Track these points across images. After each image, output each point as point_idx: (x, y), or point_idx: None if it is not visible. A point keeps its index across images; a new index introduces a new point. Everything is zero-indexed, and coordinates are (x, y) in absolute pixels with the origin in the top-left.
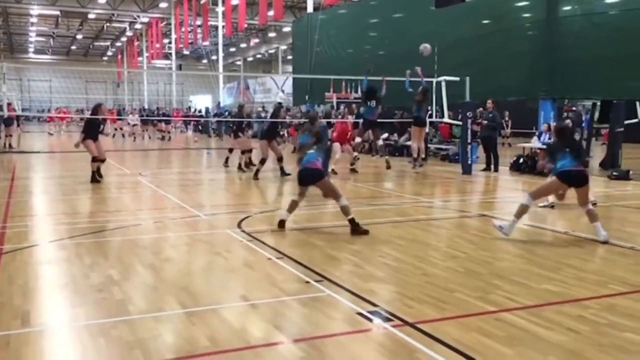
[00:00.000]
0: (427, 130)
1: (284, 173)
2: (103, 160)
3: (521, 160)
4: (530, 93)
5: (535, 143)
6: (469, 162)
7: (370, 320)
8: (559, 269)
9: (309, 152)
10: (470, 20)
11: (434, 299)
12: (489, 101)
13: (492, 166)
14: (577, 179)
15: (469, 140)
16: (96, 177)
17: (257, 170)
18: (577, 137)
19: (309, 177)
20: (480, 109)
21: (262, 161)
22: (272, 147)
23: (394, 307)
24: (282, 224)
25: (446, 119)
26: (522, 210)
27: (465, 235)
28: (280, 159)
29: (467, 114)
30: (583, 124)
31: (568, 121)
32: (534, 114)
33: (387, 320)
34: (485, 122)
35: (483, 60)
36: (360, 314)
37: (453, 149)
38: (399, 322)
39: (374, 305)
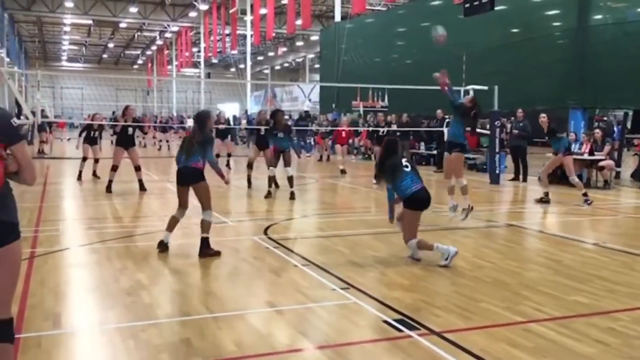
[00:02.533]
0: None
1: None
2: (115, 168)
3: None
4: (560, 102)
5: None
6: (497, 171)
7: (396, 328)
8: (588, 280)
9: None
10: (499, 29)
11: (461, 309)
12: (520, 110)
13: (521, 176)
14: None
15: (497, 150)
16: (110, 188)
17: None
18: (607, 147)
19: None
20: (512, 118)
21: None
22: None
23: (420, 316)
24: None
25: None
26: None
27: (493, 244)
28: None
29: (495, 123)
30: (614, 134)
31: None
32: (564, 123)
33: (413, 328)
34: (516, 131)
35: (512, 69)
36: (386, 322)
37: (481, 158)
38: (425, 331)
39: (400, 313)
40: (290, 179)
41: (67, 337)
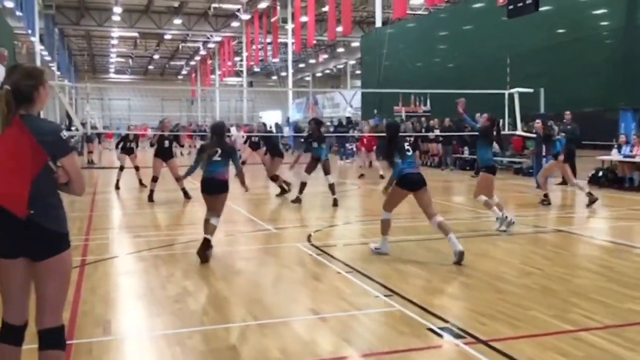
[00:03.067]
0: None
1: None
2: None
3: (600, 173)
4: (609, 104)
5: (615, 155)
6: None
7: (441, 336)
8: None
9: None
10: (544, 30)
11: (508, 317)
12: (567, 113)
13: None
14: (419, 183)
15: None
16: (152, 197)
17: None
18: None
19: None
20: (562, 120)
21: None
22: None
23: (465, 324)
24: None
25: (519, 132)
26: (385, 225)
27: (541, 251)
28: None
29: None
30: None
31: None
32: (612, 125)
33: (459, 337)
34: (564, 134)
35: (558, 71)
36: (430, 329)
37: (526, 162)
38: (471, 340)
39: (445, 321)
40: (331, 187)
41: (117, 344)
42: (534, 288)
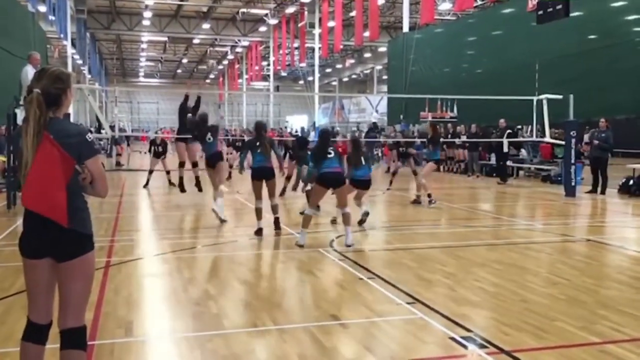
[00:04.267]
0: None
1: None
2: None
3: (631, 182)
4: None
5: None
6: (573, 183)
7: (464, 346)
8: None
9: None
10: (574, 36)
11: (533, 327)
12: (602, 120)
13: (599, 188)
14: (335, 181)
15: (572, 161)
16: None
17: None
18: None
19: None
20: (595, 127)
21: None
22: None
23: (489, 334)
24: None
25: (547, 139)
26: (306, 220)
27: (568, 260)
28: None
29: (571, 133)
30: None
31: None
32: None
33: (482, 347)
34: (597, 142)
35: (588, 77)
36: (453, 339)
37: (555, 169)
38: (494, 350)
39: (468, 330)
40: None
41: (138, 345)
42: (561, 298)
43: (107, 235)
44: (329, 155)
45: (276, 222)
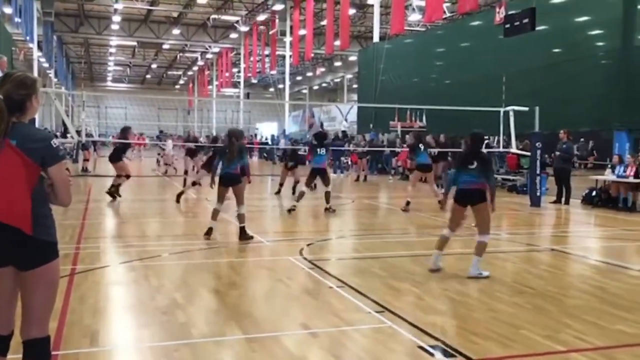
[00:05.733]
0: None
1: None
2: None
3: (594, 193)
4: (604, 124)
5: (609, 175)
6: (538, 193)
7: (432, 354)
8: (634, 309)
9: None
10: (540, 49)
11: (500, 336)
12: (562, 131)
13: (563, 199)
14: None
15: (537, 172)
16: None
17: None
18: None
19: (232, 181)
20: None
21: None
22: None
23: (457, 342)
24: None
25: (514, 149)
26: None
27: (534, 270)
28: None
29: (537, 144)
30: None
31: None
32: (607, 145)
33: (450, 355)
34: (559, 153)
35: (553, 90)
36: (421, 347)
37: (521, 180)
38: (462, 358)
39: (436, 339)
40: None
41: (104, 355)
42: (527, 307)
43: (72, 242)
44: (470, 167)
45: (241, 231)
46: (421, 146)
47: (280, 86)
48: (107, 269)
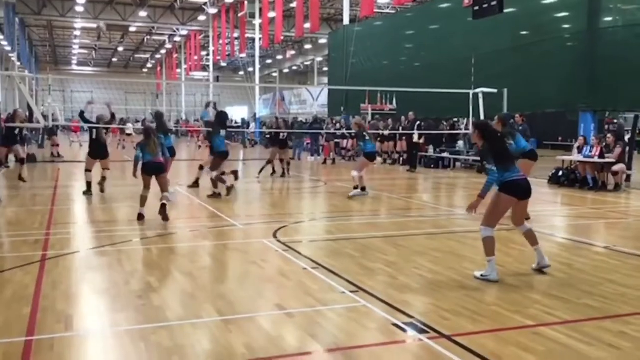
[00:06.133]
0: None
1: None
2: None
3: (560, 173)
4: (570, 105)
5: (575, 156)
6: None
7: (405, 331)
8: (599, 284)
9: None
10: (508, 31)
11: (471, 312)
12: (518, 115)
13: None
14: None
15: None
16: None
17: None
18: (618, 150)
19: (155, 170)
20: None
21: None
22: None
23: (429, 319)
24: (140, 217)
25: None
26: (490, 244)
27: (503, 248)
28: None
29: None
30: (626, 137)
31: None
32: (574, 126)
33: (423, 332)
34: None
35: (521, 72)
36: (395, 325)
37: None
38: (434, 334)
39: (409, 316)
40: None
41: (79, 340)
42: (497, 284)
43: (42, 228)
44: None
45: (163, 207)
46: (365, 134)
47: (250, 69)
48: (78, 254)
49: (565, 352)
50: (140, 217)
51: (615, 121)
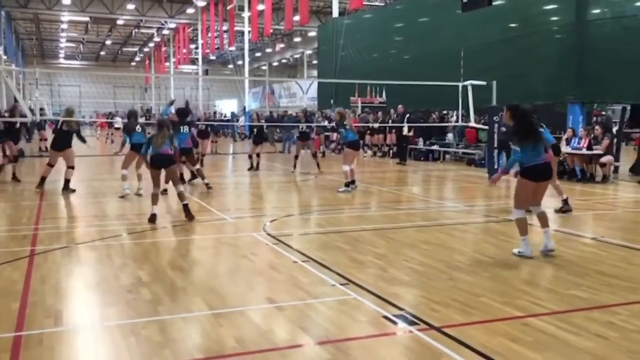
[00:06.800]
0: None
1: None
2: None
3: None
4: (558, 97)
5: (563, 148)
6: (495, 166)
7: (395, 323)
8: (587, 274)
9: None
10: (496, 24)
11: (460, 304)
12: (504, 110)
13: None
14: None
15: (495, 145)
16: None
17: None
18: (606, 142)
19: (164, 162)
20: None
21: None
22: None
23: (419, 311)
24: (153, 218)
25: (472, 124)
26: (522, 224)
27: (492, 240)
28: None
29: (494, 118)
30: (613, 129)
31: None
32: (563, 118)
33: (413, 323)
34: (503, 128)
35: (510, 64)
36: (385, 317)
37: (479, 153)
38: (424, 326)
39: (400, 308)
40: None
41: (69, 334)
42: (486, 276)
43: (30, 223)
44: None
45: (186, 208)
46: (345, 123)
47: (240, 63)
48: (67, 249)
49: (554, 342)
50: (153, 218)
51: (603, 113)
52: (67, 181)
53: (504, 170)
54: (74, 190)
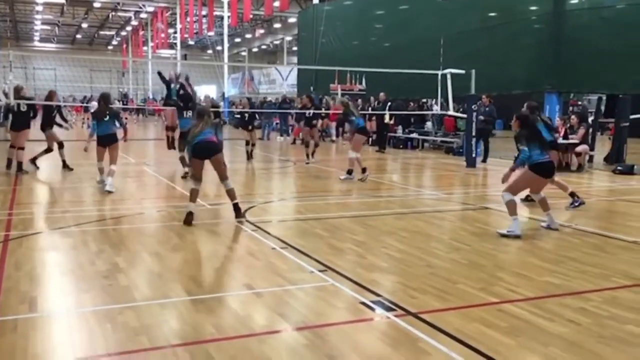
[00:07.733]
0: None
1: None
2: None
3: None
4: (536, 86)
5: None
6: (473, 155)
7: (373, 309)
8: (561, 261)
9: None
10: (476, 13)
11: (437, 290)
12: (484, 96)
13: (483, 156)
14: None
15: (473, 133)
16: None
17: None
18: (582, 131)
19: (209, 151)
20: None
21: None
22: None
23: (396, 297)
24: (189, 217)
25: (451, 112)
26: (512, 205)
27: (469, 227)
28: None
29: (472, 106)
30: (589, 119)
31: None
32: (540, 107)
33: (390, 310)
34: (482, 117)
35: (489, 53)
36: (363, 303)
37: (457, 142)
38: (401, 312)
39: (377, 295)
40: None
41: (44, 321)
42: (462, 263)
43: (4, 208)
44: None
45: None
46: (353, 110)
47: (219, 48)
48: (42, 234)
49: (527, 327)
50: (189, 217)
51: (580, 103)
52: (19, 163)
53: (513, 167)
54: (27, 172)
